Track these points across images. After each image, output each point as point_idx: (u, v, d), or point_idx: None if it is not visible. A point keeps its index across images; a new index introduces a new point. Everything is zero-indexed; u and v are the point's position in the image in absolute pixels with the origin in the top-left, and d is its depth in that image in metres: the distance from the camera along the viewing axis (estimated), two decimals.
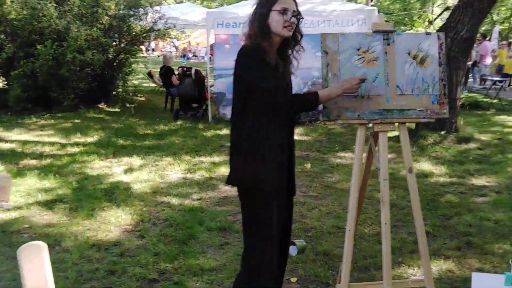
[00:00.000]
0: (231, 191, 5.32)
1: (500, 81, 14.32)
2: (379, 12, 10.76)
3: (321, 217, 4.64)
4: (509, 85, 15.78)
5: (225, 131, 8.69)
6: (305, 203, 5.03)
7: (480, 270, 3.52)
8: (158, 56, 26.34)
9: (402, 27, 22.64)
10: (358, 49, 2.69)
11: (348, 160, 6.84)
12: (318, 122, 9.45)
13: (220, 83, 9.79)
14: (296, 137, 8.13)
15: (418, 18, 23.90)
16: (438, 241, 4.10)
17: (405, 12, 24.67)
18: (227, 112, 9.54)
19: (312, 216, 4.69)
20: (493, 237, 4.17)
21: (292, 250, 3.82)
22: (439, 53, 2.74)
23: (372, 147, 2.78)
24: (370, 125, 2.71)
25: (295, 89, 2.74)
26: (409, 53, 2.71)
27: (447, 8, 18.64)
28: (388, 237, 2.63)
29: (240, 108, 2.54)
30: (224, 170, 6.15)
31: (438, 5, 25.14)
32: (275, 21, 2.47)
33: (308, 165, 6.42)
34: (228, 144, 2.68)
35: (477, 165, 6.53)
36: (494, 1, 7.76)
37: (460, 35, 7.40)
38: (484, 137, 8.25)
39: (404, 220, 4.57)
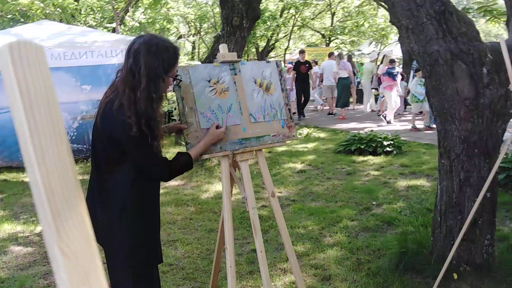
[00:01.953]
0: (27, 251, 4.68)
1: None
2: None
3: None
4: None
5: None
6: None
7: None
8: None
9: None
10: (209, 81, 2.66)
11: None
12: None
13: None
14: (78, 177, 7.74)
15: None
16: (268, 256, 4.29)
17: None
18: None
19: None
20: (310, 241, 4.56)
21: None
22: (280, 79, 2.90)
23: (234, 178, 2.77)
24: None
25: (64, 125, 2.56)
26: (255, 82, 2.80)
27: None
28: (265, 263, 2.65)
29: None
30: (8, 227, 5.36)
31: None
32: (166, 86, 2.31)
33: None
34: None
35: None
36: (251, 28, 8.52)
37: None
38: None
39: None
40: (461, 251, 3.64)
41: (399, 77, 12.54)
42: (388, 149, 8.30)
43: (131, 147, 2.24)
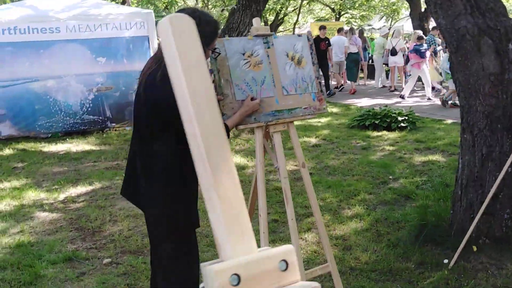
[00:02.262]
0: (53, 217, 4.82)
1: None
2: (155, 14, 10.73)
3: None
4: None
5: (8, 151, 7.73)
6: None
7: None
8: None
9: None
10: (244, 54, 2.71)
11: None
12: (108, 129, 9.13)
13: None
14: (94, 147, 7.89)
15: None
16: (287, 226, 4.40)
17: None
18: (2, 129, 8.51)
19: None
20: (328, 213, 4.67)
21: None
22: (310, 53, 2.95)
23: (266, 148, 2.84)
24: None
25: (79, 96, 2.64)
26: (287, 55, 2.85)
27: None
28: (295, 232, 2.74)
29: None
30: (32, 194, 5.49)
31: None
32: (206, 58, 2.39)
33: None
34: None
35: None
36: (266, 1, 8.51)
37: (243, 35, 7.92)
38: None
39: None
40: (481, 224, 3.71)
41: (427, 54, 12.19)
42: (402, 124, 8.34)
43: (174, 115, 2.30)
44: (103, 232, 4.46)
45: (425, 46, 12.11)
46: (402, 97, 12.31)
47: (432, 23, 19.67)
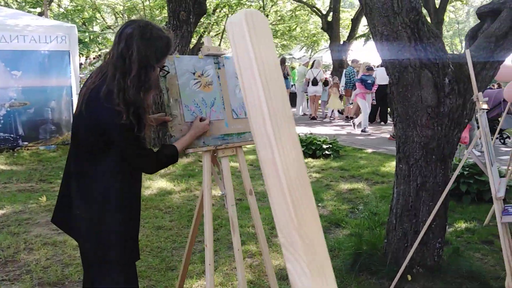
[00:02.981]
0: None
1: None
2: (77, 27, 10.26)
3: None
4: None
5: None
6: (65, 242, 4.46)
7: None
8: None
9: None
10: (194, 73, 2.58)
11: None
12: (19, 147, 8.51)
13: None
14: (4, 167, 7.28)
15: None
16: (221, 255, 4.24)
17: (102, 32, 24.15)
18: None
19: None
20: None
21: None
22: None
23: (214, 174, 2.69)
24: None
25: None
26: (237, 77, 2.75)
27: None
28: (241, 263, 2.60)
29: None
30: None
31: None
32: (155, 76, 2.22)
33: (44, 198, 5.69)
34: None
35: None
36: (197, 24, 8.40)
37: None
38: None
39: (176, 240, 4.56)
40: (414, 253, 3.77)
41: (375, 87, 12.48)
42: (327, 152, 8.48)
43: (118, 136, 2.12)
44: (17, 262, 4.04)
45: (372, 78, 12.38)
46: (363, 131, 12.12)
47: (350, 56, 20.55)
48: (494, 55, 3.48)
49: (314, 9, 22.08)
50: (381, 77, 13.83)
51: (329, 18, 20.73)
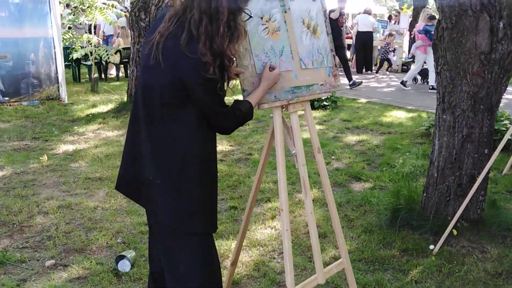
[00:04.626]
0: None
1: None
2: None
3: (115, 217, 3.93)
4: None
5: None
6: (81, 204, 4.16)
7: None
8: None
9: None
10: (261, 18, 2.26)
11: (81, 143, 6.00)
12: (1, 103, 7.99)
13: None
14: None
15: None
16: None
17: None
18: None
19: (102, 218, 3.92)
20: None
21: (125, 266, 3.15)
22: (324, 21, 2.57)
23: (288, 130, 2.43)
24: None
25: None
26: (303, 22, 2.45)
27: None
28: (314, 227, 2.39)
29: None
30: None
31: None
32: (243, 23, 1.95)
33: (45, 158, 5.32)
34: None
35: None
36: None
37: (165, 2, 7.27)
38: None
39: None
40: (457, 208, 3.64)
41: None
42: (325, 103, 8.26)
43: (201, 91, 1.83)
44: (34, 227, 3.75)
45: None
46: (403, 83, 10.89)
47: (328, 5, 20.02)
48: None
49: None
50: (363, 24, 13.54)
51: None
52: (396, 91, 10.68)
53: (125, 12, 13.71)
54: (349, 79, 10.95)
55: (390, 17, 17.39)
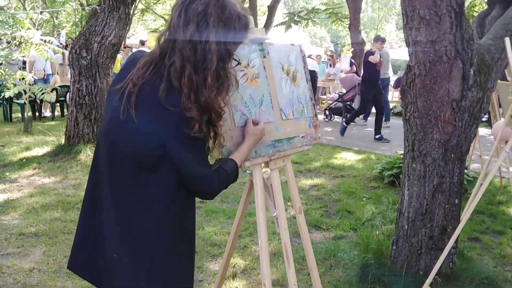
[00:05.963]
0: None
1: None
2: None
3: (54, 281, 3.44)
4: None
5: None
6: (13, 266, 3.64)
7: None
8: None
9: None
10: (240, 63, 1.99)
11: (14, 192, 5.41)
12: None
13: None
14: None
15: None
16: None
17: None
18: None
19: (39, 282, 3.43)
20: (245, 251, 4.04)
21: None
22: (304, 67, 2.34)
23: (268, 190, 2.14)
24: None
25: None
26: (282, 68, 2.20)
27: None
28: None
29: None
30: None
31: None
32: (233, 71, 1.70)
33: None
34: None
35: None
36: (133, 4, 7.58)
37: (108, 40, 6.90)
38: None
39: None
40: (429, 261, 3.46)
41: None
42: None
43: (181, 150, 1.51)
44: None
45: None
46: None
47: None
48: None
49: None
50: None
51: (246, 4, 20.27)
52: (336, 131, 10.59)
53: (61, 47, 13.15)
54: (377, 132, 9.82)
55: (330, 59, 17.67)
